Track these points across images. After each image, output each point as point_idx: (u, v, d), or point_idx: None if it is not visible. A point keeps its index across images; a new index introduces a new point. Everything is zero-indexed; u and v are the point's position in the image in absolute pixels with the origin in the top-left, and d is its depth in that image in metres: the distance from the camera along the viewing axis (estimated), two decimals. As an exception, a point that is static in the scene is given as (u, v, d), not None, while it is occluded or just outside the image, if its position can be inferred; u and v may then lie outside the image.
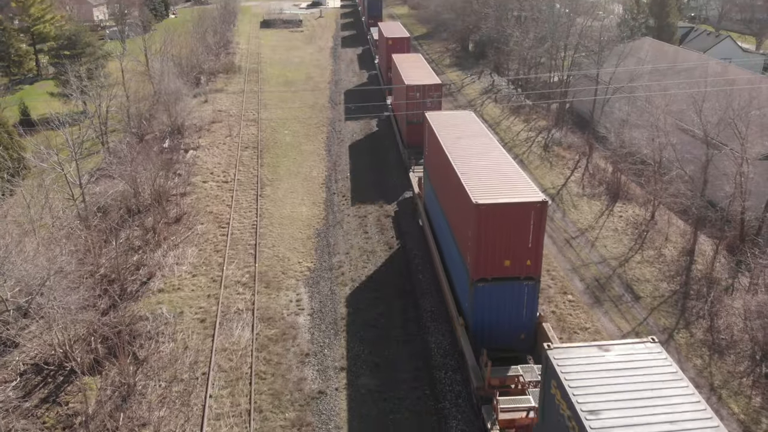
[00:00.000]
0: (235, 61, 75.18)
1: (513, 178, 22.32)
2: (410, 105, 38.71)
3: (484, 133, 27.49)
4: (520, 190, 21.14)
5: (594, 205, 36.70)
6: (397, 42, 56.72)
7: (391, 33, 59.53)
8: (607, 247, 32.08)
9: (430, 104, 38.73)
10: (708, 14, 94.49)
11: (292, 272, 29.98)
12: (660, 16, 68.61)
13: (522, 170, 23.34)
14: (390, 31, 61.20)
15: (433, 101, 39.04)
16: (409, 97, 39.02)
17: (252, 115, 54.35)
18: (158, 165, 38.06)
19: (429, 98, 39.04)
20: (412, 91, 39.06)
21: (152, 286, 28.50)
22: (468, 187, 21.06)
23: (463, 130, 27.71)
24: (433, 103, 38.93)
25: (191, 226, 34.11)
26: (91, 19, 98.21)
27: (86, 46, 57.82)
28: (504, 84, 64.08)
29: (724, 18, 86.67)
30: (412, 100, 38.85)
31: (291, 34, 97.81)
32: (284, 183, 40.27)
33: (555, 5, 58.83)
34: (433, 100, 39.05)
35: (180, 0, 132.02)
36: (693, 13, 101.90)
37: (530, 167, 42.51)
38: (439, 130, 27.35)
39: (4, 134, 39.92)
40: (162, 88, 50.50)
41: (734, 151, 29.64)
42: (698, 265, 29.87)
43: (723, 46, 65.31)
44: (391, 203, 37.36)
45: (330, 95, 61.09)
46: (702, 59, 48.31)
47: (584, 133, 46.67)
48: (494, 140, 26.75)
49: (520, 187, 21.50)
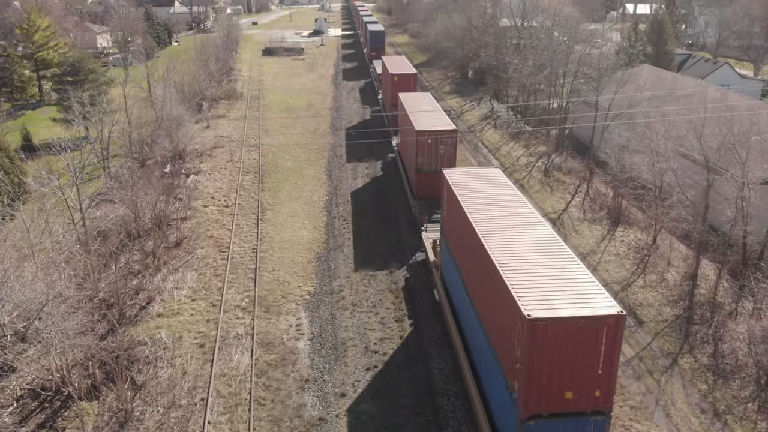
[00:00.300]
0: (237, 88, 75.88)
1: (574, 273, 17.25)
2: (421, 152, 35.15)
3: (521, 201, 22.83)
4: (587, 295, 16.20)
5: (595, 230, 36.62)
6: (403, 79, 53.00)
7: (396, 69, 55.56)
8: (609, 272, 31.91)
9: (444, 151, 34.98)
10: (705, 41, 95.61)
11: (292, 296, 29.78)
12: (658, 44, 69.45)
13: (581, 262, 18.14)
14: (395, 66, 57.19)
15: (447, 148, 35.20)
16: (420, 144, 34.96)
17: (254, 140, 54.61)
18: (159, 190, 38.09)
19: (442, 145, 35.00)
20: (422, 137, 34.90)
21: (151, 311, 28.27)
22: (514, 291, 16.08)
23: (493, 194, 23.35)
24: (447, 151, 35.14)
25: (191, 250, 33.99)
26: (95, 46, 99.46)
27: (89, 72, 58.35)
28: (503, 110, 64.51)
29: (722, 45, 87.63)
30: (422, 147, 35.10)
31: (293, 61, 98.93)
32: (285, 207, 40.26)
33: (553, 33, 59.51)
34: (447, 147, 35.19)
35: (183, 28, 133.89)
36: (690, 40, 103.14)
37: (530, 192, 42.55)
38: (462, 193, 23.17)
39: (6, 159, 40.03)
40: (164, 113, 50.86)
41: (735, 176, 29.66)
42: (701, 290, 29.67)
43: (721, 73, 65.92)
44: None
45: (331, 121, 61.49)
46: (700, 86, 48.72)
47: (584, 159, 46.82)
48: (535, 212, 22.10)
49: (586, 289, 16.49)
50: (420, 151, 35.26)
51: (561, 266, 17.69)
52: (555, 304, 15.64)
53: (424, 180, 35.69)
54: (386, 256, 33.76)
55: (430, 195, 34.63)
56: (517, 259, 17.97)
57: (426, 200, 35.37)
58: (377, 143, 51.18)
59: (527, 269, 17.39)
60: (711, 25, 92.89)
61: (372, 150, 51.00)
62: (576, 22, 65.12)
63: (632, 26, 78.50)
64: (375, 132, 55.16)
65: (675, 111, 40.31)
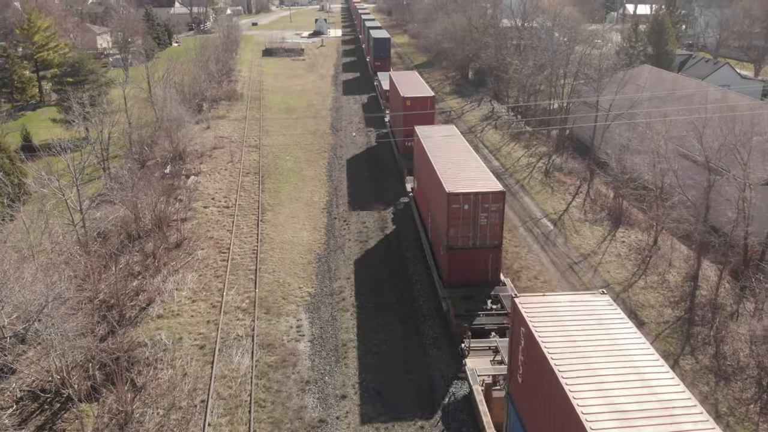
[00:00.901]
0: (237, 89, 75.84)
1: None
2: (454, 222, 26.44)
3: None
4: None
5: (596, 231, 36.56)
6: (418, 103, 42.76)
7: (408, 89, 45.17)
8: (610, 273, 31.85)
9: (487, 221, 26.27)
10: (706, 42, 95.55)
11: (292, 297, 29.72)
12: (658, 44, 69.37)
13: None
14: (407, 85, 46.91)
15: (491, 217, 26.25)
16: (453, 212, 26.18)
17: (254, 141, 54.57)
18: (159, 191, 38.03)
19: (484, 213, 26.11)
20: (456, 203, 26.03)
21: (151, 312, 28.22)
22: None
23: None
24: (491, 220, 26.32)
25: (191, 251, 33.93)
26: (95, 47, 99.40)
27: (89, 73, 58.30)
28: (504, 111, 64.46)
29: (722, 45, 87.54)
30: (456, 216, 26.30)
31: (293, 62, 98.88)
32: (285, 208, 40.20)
33: (554, 34, 59.44)
34: (491, 216, 26.22)
35: (183, 28, 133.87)
36: (690, 41, 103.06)
37: (531, 192, 42.50)
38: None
39: (6, 160, 39.99)
40: (164, 114, 50.81)
41: (736, 177, 29.61)
42: (702, 291, 29.61)
43: (721, 73, 65.82)
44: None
45: (331, 122, 61.42)
46: (701, 86, 48.66)
47: (585, 159, 46.77)
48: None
49: None
50: (453, 221, 26.17)
51: None
52: None
53: (458, 261, 26.77)
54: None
55: (465, 281, 26.67)
56: None
57: (460, 289, 26.52)
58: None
59: None
60: (711, 26, 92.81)
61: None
62: (576, 23, 65.05)
63: (632, 27, 78.48)
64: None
65: (676, 111, 40.26)
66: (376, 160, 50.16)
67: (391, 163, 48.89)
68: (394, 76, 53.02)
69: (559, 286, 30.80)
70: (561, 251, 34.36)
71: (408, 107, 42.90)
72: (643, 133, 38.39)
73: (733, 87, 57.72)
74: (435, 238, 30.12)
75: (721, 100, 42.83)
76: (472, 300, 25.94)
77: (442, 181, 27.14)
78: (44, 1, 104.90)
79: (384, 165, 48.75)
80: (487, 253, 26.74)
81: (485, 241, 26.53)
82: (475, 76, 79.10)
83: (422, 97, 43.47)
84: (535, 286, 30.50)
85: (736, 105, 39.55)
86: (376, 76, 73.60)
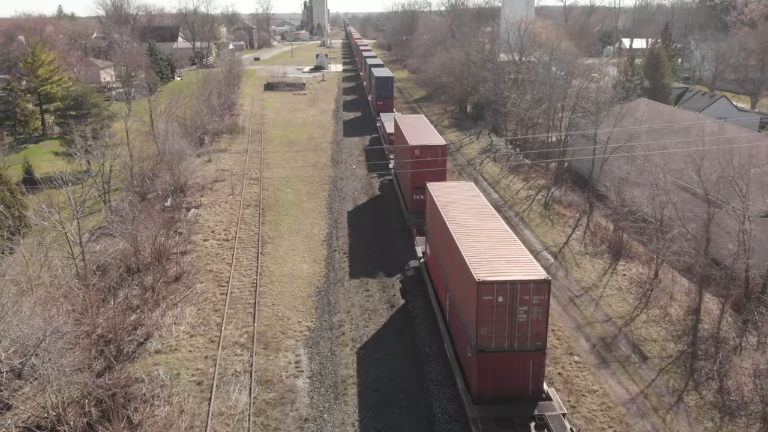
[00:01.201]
0: (239, 122, 76.54)
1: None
2: (485, 317, 20.74)
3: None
4: None
5: (597, 264, 36.46)
6: (427, 153, 37.95)
7: (417, 136, 40.29)
8: (611, 306, 31.65)
9: (526, 317, 20.76)
10: (702, 75, 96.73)
11: (291, 332, 29.47)
12: (654, 78, 70.31)
13: None
14: (414, 131, 41.81)
15: (533, 312, 20.72)
16: (484, 305, 20.60)
17: (255, 174, 54.83)
18: (159, 223, 38.07)
19: (524, 306, 20.64)
20: (487, 293, 20.48)
21: (149, 347, 27.93)
22: None
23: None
24: (533, 315, 20.74)
25: (190, 284, 33.79)
26: (98, 81, 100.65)
27: (92, 106, 58.93)
28: (502, 144, 64.93)
29: (718, 78, 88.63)
30: (487, 309, 20.67)
31: (294, 96, 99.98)
32: (285, 240, 40.17)
33: (551, 68, 60.27)
34: (533, 311, 20.71)
35: (186, 63, 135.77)
36: (687, 74, 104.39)
37: (531, 225, 42.51)
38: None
39: (7, 192, 40.12)
40: (166, 147, 51.18)
41: (735, 209, 29.67)
42: (705, 324, 29.38)
43: (718, 106, 66.53)
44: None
45: (332, 154, 61.82)
46: (698, 119, 49.09)
47: (584, 192, 46.92)
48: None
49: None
50: (484, 317, 20.76)
51: None
52: None
53: (491, 368, 21.29)
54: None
55: (499, 393, 21.39)
56: None
57: (494, 408, 21.08)
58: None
59: None
60: (707, 59, 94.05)
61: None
62: (573, 57, 66.01)
63: (629, 60, 79.67)
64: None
65: (673, 144, 40.56)
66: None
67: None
68: (399, 119, 47.87)
69: (561, 319, 30.58)
70: (562, 284, 34.20)
71: (416, 157, 37.86)
72: (641, 165, 38.63)
73: (730, 119, 58.30)
74: (458, 334, 24.32)
75: (719, 133, 43.22)
76: (512, 425, 20.42)
77: (468, 263, 21.53)
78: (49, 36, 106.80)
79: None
80: (528, 358, 21.12)
81: (525, 342, 20.98)
82: (473, 109, 79.94)
83: (432, 146, 38.40)
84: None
85: (733, 137, 39.91)
86: (378, 117, 68.71)
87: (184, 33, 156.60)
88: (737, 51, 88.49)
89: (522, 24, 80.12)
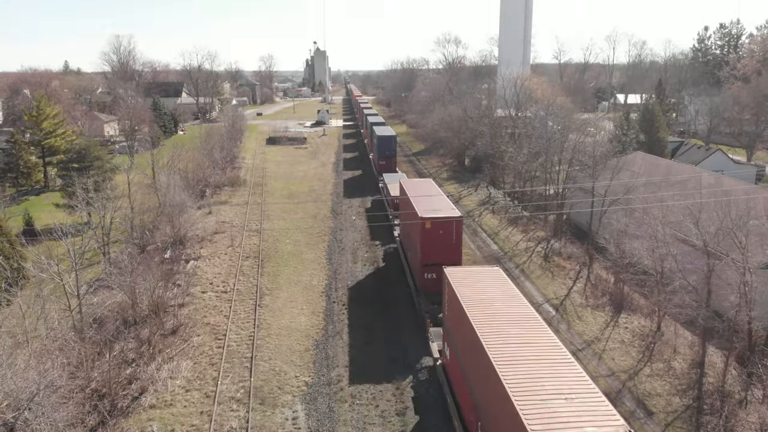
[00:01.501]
0: (240, 175, 77.31)
1: None
2: None
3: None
4: None
5: (599, 316, 36.14)
6: (441, 227, 33.10)
7: (427, 206, 35.33)
8: (615, 360, 31.20)
9: None
10: (697, 129, 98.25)
11: (288, 387, 28.92)
12: (650, 132, 71.39)
13: None
14: (424, 199, 37.09)
15: None
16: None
17: (255, 225, 54.98)
18: (158, 276, 37.90)
19: None
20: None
21: (144, 402, 27.37)
22: None
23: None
24: None
25: (187, 338, 33.38)
26: (102, 135, 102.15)
27: (95, 159, 59.56)
28: (500, 196, 65.40)
29: (713, 132, 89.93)
30: None
31: (295, 150, 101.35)
32: (284, 292, 39.92)
33: (547, 123, 61.33)
34: None
35: (189, 117, 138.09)
36: (682, 128, 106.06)
37: (532, 277, 42.35)
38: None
39: (6, 244, 40.11)
40: (167, 200, 51.46)
41: (735, 261, 29.62)
42: (709, 378, 28.91)
43: (714, 159, 67.32)
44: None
45: (332, 206, 62.16)
46: (695, 171, 49.61)
47: (583, 244, 46.95)
48: None
49: None
50: None
51: None
52: None
53: None
54: None
55: None
56: None
57: None
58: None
59: None
60: (701, 113, 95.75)
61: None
62: (569, 112, 67.30)
63: (624, 115, 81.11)
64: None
65: (671, 197, 40.84)
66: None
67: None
68: (405, 183, 43.12)
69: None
70: (564, 337, 33.81)
71: (427, 231, 33.24)
72: (640, 218, 38.78)
73: (727, 172, 58.85)
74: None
75: (716, 185, 43.58)
76: None
77: (512, 396, 16.36)
78: (54, 90, 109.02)
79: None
80: None
81: None
82: (471, 162, 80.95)
83: (447, 219, 33.15)
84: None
85: (730, 189, 40.21)
86: (381, 178, 65.06)
87: (188, 88, 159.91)
88: (731, 105, 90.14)
89: (518, 80, 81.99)
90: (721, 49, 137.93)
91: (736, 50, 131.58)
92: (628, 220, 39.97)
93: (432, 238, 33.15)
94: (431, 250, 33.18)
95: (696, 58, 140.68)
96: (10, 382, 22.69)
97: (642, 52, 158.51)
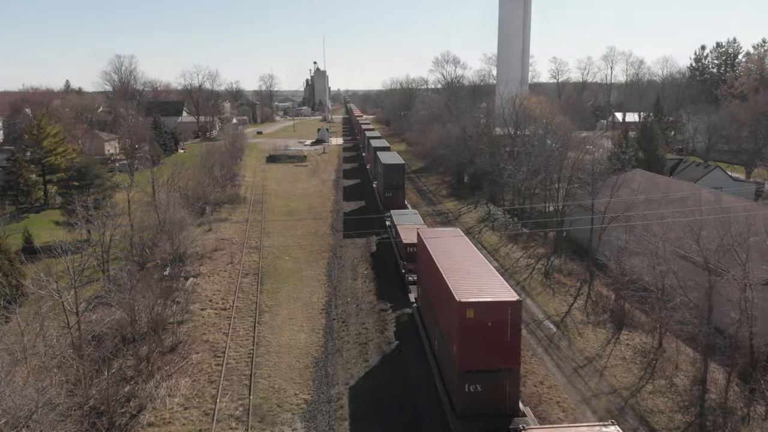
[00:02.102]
0: (240, 193, 77.46)
1: None
2: None
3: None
4: None
5: (600, 333, 35.97)
6: (487, 316, 23.18)
7: (465, 280, 25.46)
8: (616, 377, 30.98)
9: None
10: (695, 146, 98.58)
11: (287, 405, 28.68)
12: (648, 149, 71.72)
13: None
14: (458, 267, 27.36)
15: None
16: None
17: (254, 242, 54.93)
18: (157, 293, 37.76)
19: None
20: None
21: (142, 420, 27.12)
22: None
23: None
24: None
25: (186, 355, 33.18)
26: (103, 153, 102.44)
27: (95, 177, 59.67)
28: (500, 213, 65.45)
29: (712, 149, 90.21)
30: None
31: (296, 168, 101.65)
32: (283, 309, 39.76)
33: (546, 141, 61.57)
34: None
35: (190, 136, 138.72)
36: (680, 145, 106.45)
37: (533, 294, 42.23)
38: None
39: (5, 261, 40.03)
40: (167, 217, 51.42)
41: (736, 277, 29.57)
42: (712, 395, 28.69)
43: (713, 176, 67.51)
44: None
45: (332, 223, 62.17)
46: (694, 188, 49.71)
47: (583, 261, 46.88)
48: None
49: None
50: None
51: None
52: None
53: None
54: None
55: None
56: None
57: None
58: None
59: None
60: (699, 131, 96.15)
61: None
62: (567, 130, 67.58)
63: (622, 133, 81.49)
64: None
65: (671, 213, 40.87)
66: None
67: None
68: (427, 239, 32.47)
69: (565, 391, 29.87)
70: (565, 354, 33.62)
71: (468, 322, 23.19)
72: (640, 235, 38.76)
73: (726, 189, 58.95)
74: None
75: (715, 202, 43.64)
76: None
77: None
78: (55, 109, 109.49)
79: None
80: None
81: None
82: (470, 180, 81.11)
83: (497, 303, 23.50)
84: (541, 392, 29.59)
85: (730, 206, 40.25)
86: (387, 215, 54.87)
87: (188, 108, 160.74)
88: (729, 123, 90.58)
89: (517, 99, 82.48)
90: (718, 67, 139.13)
91: (733, 69, 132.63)
92: (628, 237, 39.95)
93: (476, 333, 23.23)
94: (475, 350, 23.40)
95: (693, 77, 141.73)
96: (8, 399, 22.49)
97: (639, 71, 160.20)
